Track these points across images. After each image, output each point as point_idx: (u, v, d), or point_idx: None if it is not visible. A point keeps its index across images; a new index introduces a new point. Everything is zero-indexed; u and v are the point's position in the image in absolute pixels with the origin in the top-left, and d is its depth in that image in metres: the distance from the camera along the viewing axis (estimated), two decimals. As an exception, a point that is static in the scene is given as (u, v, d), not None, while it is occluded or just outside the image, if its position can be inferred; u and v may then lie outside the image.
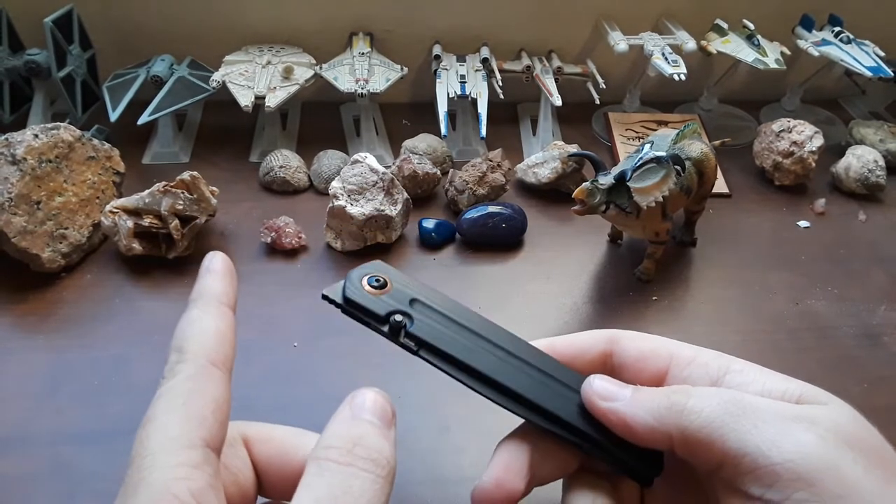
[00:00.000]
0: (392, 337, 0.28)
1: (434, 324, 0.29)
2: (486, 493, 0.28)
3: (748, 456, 0.24)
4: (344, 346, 0.49)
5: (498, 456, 0.29)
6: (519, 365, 0.29)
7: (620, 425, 0.28)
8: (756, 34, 0.72)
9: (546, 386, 0.29)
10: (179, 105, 0.65)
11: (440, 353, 0.28)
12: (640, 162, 0.49)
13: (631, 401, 0.28)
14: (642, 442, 0.27)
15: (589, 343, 0.31)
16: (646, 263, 0.55)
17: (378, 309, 0.28)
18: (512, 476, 0.28)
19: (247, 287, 0.53)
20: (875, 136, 0.72)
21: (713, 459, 0.26)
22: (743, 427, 0.25)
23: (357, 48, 0.71)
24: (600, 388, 0.29)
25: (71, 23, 0.66)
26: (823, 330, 0.53)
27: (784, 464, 0.24)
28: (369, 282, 0.29)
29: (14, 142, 0.51)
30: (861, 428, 0.25)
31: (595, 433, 0.28)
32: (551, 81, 0.71)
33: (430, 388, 0.46)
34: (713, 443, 0.25)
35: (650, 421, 0.27)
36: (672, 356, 0.30)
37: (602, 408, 0.28)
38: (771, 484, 0.24)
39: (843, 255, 0.60)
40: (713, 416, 0.26)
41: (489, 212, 0.58)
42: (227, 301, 0.28)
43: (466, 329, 0.29)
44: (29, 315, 0.50)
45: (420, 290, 0.29)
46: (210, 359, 0.25)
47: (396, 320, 0.28)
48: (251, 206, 0.62)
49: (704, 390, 0.27)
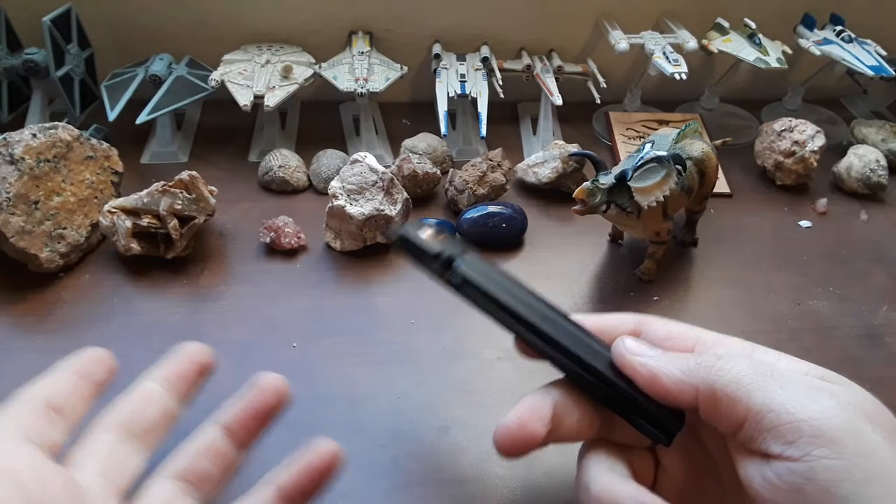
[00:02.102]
0: (440, 272, 0.31)
1: (480, 271, 0.31)
2: (508, 430, 0.29)
3: (773, 412, 0.25)
4: (344, 346, 0.49)
5: (524, 401, 0.30)
6: (556, 319, 0.31)
7: (648, 377, 0.29)
8: (757, 33, 0.72)
9: (580, 341, 0.31)
10: (178, 104, 0.65)
11: (486, 293, 0.31)
12: (641, 161, 0.49)
13: (660, 357, 0.29)
14: (667, 395, 0.28)
15: (619, 321, 0.33)
16: (647, 263, 0.55)
17: (430, 247, 0.31)
18: (535, 420, 0.29)
19: (246, 287, 0.54)
20: (877, 136, 0.72)
21: (737, 416, 0.26)
22: (770, 386, 0.26)
23: (357, 47, 0.71)
24: (631, 344, 0.30)
25: (69, 22, 0.65)
26: (825, 330, 0.52)
27: (809, 420, 0.24)
28: (427, 230, 0.32)
29: (12, 141, 0.51)
30: (878, 407, 0.26)
31: (624, 385, 0.30)
32: (552, 80, 0.70)
33: (430, 388, 0.46)
34: (739, 399, 0.26)
35: (677, 374, 0.28)
36: (698, 339, 0.31)
37: (632, 360, 0.29)
38: (793, 440, 0.24)
39: (845, 255, 0.60)
40: (742, 374, 0.27)
41: (489, 212, 0.58)
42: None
43: (509, 285, 0.32)
44: (27, 315, 0.50)
45: (469, 249, 0.32)
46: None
47: (446, 258, 0.31)
48: (250, 205, 0.62)
49: (733, 356, 0.28)
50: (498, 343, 0.49)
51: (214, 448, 0.32)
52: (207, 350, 0.36)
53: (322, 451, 0.31)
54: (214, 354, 0.36)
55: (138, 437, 0.32)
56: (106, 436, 0.31)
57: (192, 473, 0.31)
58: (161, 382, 0.34)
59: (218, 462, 0.32)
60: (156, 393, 0.33)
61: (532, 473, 0.40)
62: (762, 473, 0.25)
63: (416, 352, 0.48)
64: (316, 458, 0.31)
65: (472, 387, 0.46)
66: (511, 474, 0.40)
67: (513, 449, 0.29)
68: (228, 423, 0.33)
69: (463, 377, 0.47)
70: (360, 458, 0.41)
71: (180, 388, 0.34)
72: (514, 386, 0.46)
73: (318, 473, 0.31)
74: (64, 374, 0.32)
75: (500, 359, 0.48)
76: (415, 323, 0.51)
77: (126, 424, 0.31)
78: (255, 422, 0.33)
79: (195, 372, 0.35)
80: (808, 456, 0.24)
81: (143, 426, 0.32)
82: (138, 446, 0.31)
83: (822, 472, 0.23)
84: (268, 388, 0.33)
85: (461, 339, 0.49)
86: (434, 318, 0.51)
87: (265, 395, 0.33)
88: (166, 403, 0.33)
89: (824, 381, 0.27)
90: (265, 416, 0.33)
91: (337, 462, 0.31)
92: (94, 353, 0.34)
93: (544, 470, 0.40)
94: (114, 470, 0.30)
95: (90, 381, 0.32)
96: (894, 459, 0.24)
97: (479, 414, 0.44)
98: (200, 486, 0.31)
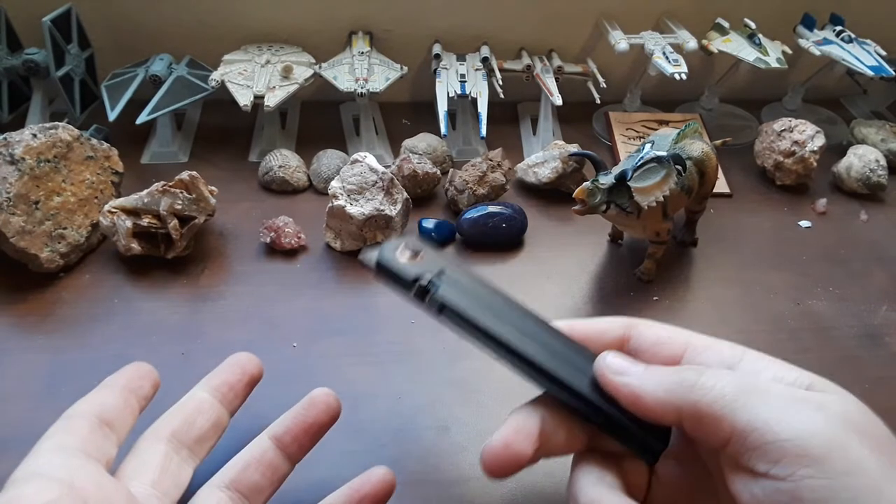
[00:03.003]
0: (418, 298, 0.30)
1: (459, 292, 0.31)
2: (494, 452, 0.28)
3: (756, 431, 0.25)
4: (344, 346, 0.49)
5: (510, 420, 0.30)
6: (537, 336, 0.31)
7: (630, 397, 0.28)
8: (757, 33, 0.72)
9: (562, 359, 0.30)
10: (178, 104, 0.65)
11: (462, 318, 0.30)
12: (641, 161, 0.49)
13: (642, 375, 0.29)
14: (651, 415, 0.28)
15: (607, 327, 0.32)
16: (646, 263, 0.55)
17: (407, 273, 0.30)
18: (521, 439, 0.29)
19: (246, 287, 0.54)
20: (877, 136, 0.72)
21: (721, 435, 0.26)
22: (752, 403, 0.25)
23: (357, 47, 0.71)
24: (612, 362, 0.29)
25: (69, 22, 0.65)
26: (824, 330, 0.52)
27: (792, 440, 0.24)
28: (402, 251, 0.31)
29: (12, 141, 0.51)
30: (867, 417, 0.26)
31: (606, 406, 0.29)
32: (552, 81, 0.70)
33: (430, 388, 0.46)
34: (723, 418, 0.26)
35: (660, 393, 0.28)
36: (688, 344, 0.30)
37: (613, 381, 0.29)
38: (778, 460, 0.24)
39: (845, 255, 0.60)
40: (724, 392, 0.26)
41: (489, 212, 0.58)
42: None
43: (489, 301, 0.31)
44: (28, 315, 0.50)
45: (449, 264, 0.32)
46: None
47: (423, 285, 0.30)
48: (250, 205, 0.62)
49: (716, 370, 0.28)
50: (498, 343, 0.49)
51: (266, 460, 0.33)
52: (256, 360, 0.37)
53: (375, 479, 0.33)
54: (261, 364, 0.37)
55: (189, 447, 0.32)
56: (158, 446, 0.31)
57: (243, 484, 0.32)
58: (212, 392, 0.34)
59: (268, 474, 0.33)
60: (207, 403, 0.34)
61: (532, 473, 0.40)
62: (750, 490, 0.25)
63: (416, 352, 0.48)
64: (369, 485, 0.33)
65: (472, 387, 0.46)
66: (511, 474, 0.41)
67: (500, 470, 0.28)
68: (280, 435, 0.34)
69: (463, 377, 0.47)
70: (360, 458, 0.41)
71: (230, 397, 0.35)
72: (514, 386, 0.46)
73: (371, 501, 0.33)
74: (114, 389, 0.32)
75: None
76: (415, 323, 0.51)
77: (178, 435, 0.32)
78: (306, 436, 0.34)
79: (245, 382, 0.36)
80: (794, 476, 0.23)
81: (195, 436, 0.33)
82: (189, 456, 0.32)
83: (807, 493, 0.23)
84: (319, 403, 0.35)
85: (461, 339, 0.49)
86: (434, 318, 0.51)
87: (317, 410, 0.34)
88: (217, 413, 0.34)
89: (812, 390, 0.27)
90: (317, 430, 0.35)
91: (391, 488, 0.33)
92: (140, 367, 0.34)
93: (544, 470, 0.40)
94: (167, 481, 0.30)
95: (138, 396, 0.33)
96: (882, 474, 0.23)
97: (479, 414, 0.44)
98: (250, 497, 0.32)
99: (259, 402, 0.45)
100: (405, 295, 0.31)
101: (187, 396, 0.34)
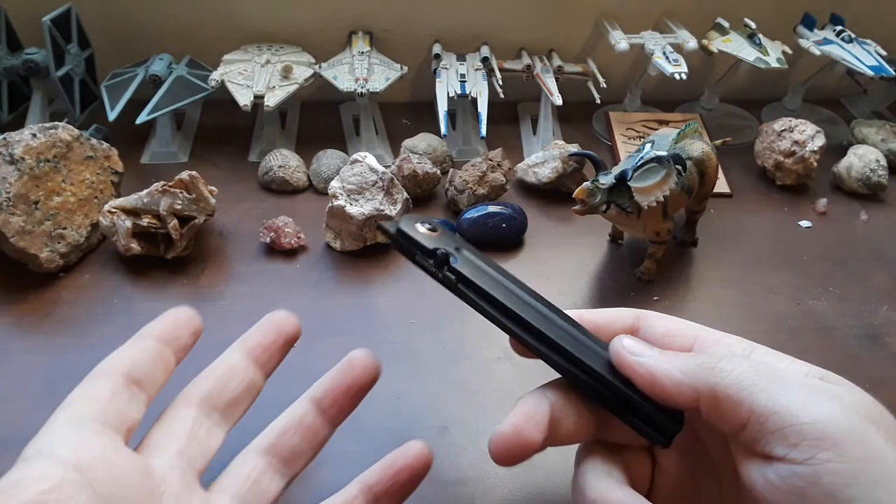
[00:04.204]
0: (436, 267, 0.30)
1: (475, 267, 0.31)
2: (503, 438, 0.28)
3: (776, 415, 0.25)
4: (344, 346, 0.48)
5: (519, 406, 0.29)
6: (552, 317, 0.31)
7: (648, 378, 0.28)
8: (757, 33, 0.72)
9: (576, 340, 0.30)
10: (178, 104, 0.65)
11: (480, 291, 0.30)
12: (641, 161, 0.49)
13: (659, 357, 0.28)
14: (667, 396, 0.28)
15: (616, 316, 0.32)
16: (647, 263, 0.55)
17: (427, 243, 0.30)
18: (531, 426, 0.28)
19: (246, 287, 0.54)
20: (877, 136, 0.72)
21: (738, 419, 0.26)
22: (772, 388, 0.26)
23: (357, 47, 0.71)
24: (629, 344, 0.29)
25: (69, 22, 0.65)
26: (825, 330, 0.52)
27: (813, 423, 0.24)
28: (422, 224, 0.31)
29: (12, 141, 0.51)
30: (879, 409, 0.26)
31: (622, 387, 0.29)
32: (552, 80, 0.70)
33: (430, 388, 0.46)
34: (742, 400, 0.26)
35: (678, 375, 0.27)
36: (697, 337, 0.31)
37: (630, 361, 0.29)
38: (797, 443, 0.24)
39: (845, 255, 0.60)
40: (744, 376, 0.26)
41: (489, 212, 0.58)
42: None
43: (503, 281, 0.31)
44: (28, 315, 0.50)
45: (465, 244, 0.32)
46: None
47: (445, 251, 0.30)
48: (250, 205, 0.62)
49: (734, 357, 0.28)
50: (498, 343, 0.49)
51: (306, 423, 0.32)
52: (294, 319, 0.34)
53: (411, 453, 0.32)
54: (300, 323, 0.35)
55: (221, 411, 0.31)
56: (187, 411, 0.30)
57: (283, 448, 0.31)
58: (246, 354, 0.33)
59: (308, 437, 0.32)
60: (241, 365, 0.32)
61: (532, 473, 0.41)
62: (764, 475, 0.25)
63: (416, 352, 0.48)
64: (405, 459, 0.32)
65: (472, 387, 0.46)
66: (511, 474, 0.40)
67: (509, 457, 0.28)
68: (320, 398, 0.33)
69: (463, 377, 0.47)
70: (360, 458, 0.41)
71: (264, 359, 0.33)
72: (514, 386, 0.46)
73: (408, 474, 0.31)
74: (147, 340, 0.31)
75: (500, 359, 0.48)
76: (415, 323, 0.51)
77: (209, 399, 0.31)
78: (345, 398, 0.33)
79: (281, 343, 0.34)
80: (813, 459, 0.24)
81: (227, 400, 0.31)
82: (220, 420, 0.31)
83: (826, 476, 0.23)
84: (358, 365, 0.33)
85: (461, 339, 0.49)
86: (434, 318, 0.51)
87: (356, 372, 0.33)
88: (251, 376, 0.32)
89: (825, 382, 0.27)
90: (357, 392, 0.33)
91: (428, 463, 0.32)
92: (179, 313, 0.32)
93: (544, 470, 0.40)
94: (193, 449, 0.29)
95: (175, 347, 0.31)
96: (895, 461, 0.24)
97: (479, 414, 0.44)
98: (290, 462, 0.31)
99: (258, 402, 0.45)
100: (421, 266, 0.31)
101: (220, 359, 0.33)
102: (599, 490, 0.28)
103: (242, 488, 0.29)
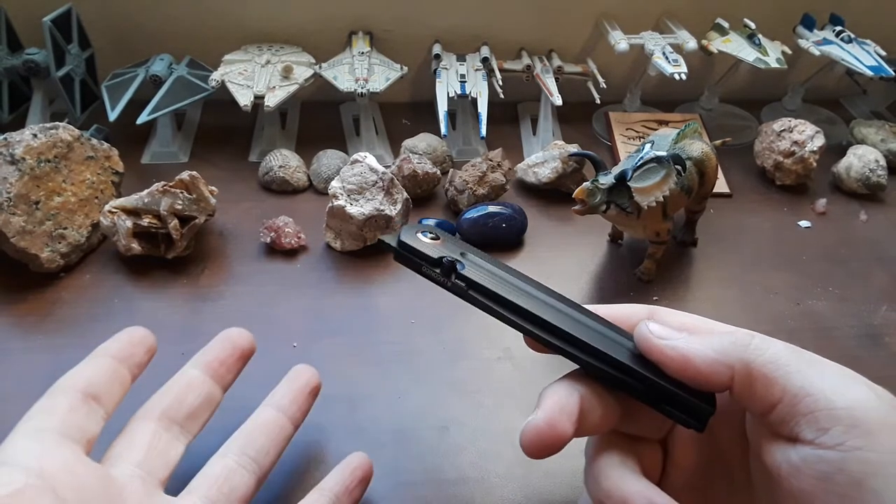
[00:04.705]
0: (444, 276, 0.30)
1: (483, 271, 0.30)
2: (538, 430, 0.27)
3: (810, 397, 0.24)
4: (344, 346, 0.49)
5: (550, 398, 0.28)
6: (567, 311, 0.30)
7: (679, 360, 0.27)
8: (757, 33, 0.72)
9: (596, 331, 0.30)
10: (178, 104, 0.65)
11: (492, 295, 0.29)
12: (641, 161, 0.49)
13: (689, 338, 0.28)
14: (699, 377, 0.27)
15: (630, 312, 0.32)
16: (646, 263, 0.55)
17: (431, 253, 0.30)
18: (564, 418, 0.27)
19: (246, 287, 0.54)
20: (876, 136, 0.72)
21: (770, 399, 0.25)
22: (808, 370, 0.25)
23: (357, 47, 0.71)
24: (657, 329, 0.29)
25: (70, 22, 0.65)
26: (825, 330, 0.52)
27: (847, 409, 0.24)
28: (423, 234, 0.31)
29: (13, 141, 0.51)
30: None
31: (650, 373, 0.28)
32: (551, 81, 0.70)
33: (430, 388, 0.46)
34: (776, 379, 0.25)
35: (711, 354, 0.27)
36: (712, 331, 0.30)
37: (659, 344, 0.28)
38: (828, 428, 0.24)
39: (845, 255, 0.60)
40: (780, 355, 0.26)
41: (489, 212, 0.58)
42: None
43: (513, 281, 0.31)
44: (28, 315, 0.50)
45: (468, 247, 0.32)
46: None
47: (451, 259, 0.30)
48: (250, 205, 0.62)
49: (766, 337, 0.27)
50: (498, 343, 0.49)
51: (270, 422, 0.35)
52: (247, 335, 0.37)
53: (356, 462, 0.36)
54: (254, 339, 0.38)
55: (181, 424, 0.32)
56: (147, 425, 0.31)
57: (251, 447, 0.33)
58: (203, 369, 0.35)
59: (273, 435, 0.35)
60: (198, 379, 0.34)
61: (532, 473, 0.41)
62: (788, 458, 0.25)
63: (416, 352, 0.49)
64: (353, 467, 0.36)
65: (472, 387, 0.46)
66: (511, 474, 0.41)
67: (542, 450, 0.27)
68: (279, 402, 0.36)
69: (463, 377, 0.47)
70: (360, 457, 0.41)
71: (221, 372, 0.35)
72: (514, 386, 0.46)
73: (360, 481, 0.36)
74: (103, 359, 0.32)
75: (500, 359, 0.48)
76: (415, 323, 0.51)
77: (168, 412, 0.32)
78: (303, 398, 0.38)
79: (236, 357, 0.36)
80: (843, 445, 0.23)
81: (185, 413, 0.33)
82: (180, 433, 0.32)
83: (855, 464, 0.23)
84: (303, 374, 0.39)
85: (461, 339, 0.49)
86: (434, 318, 0.51)
87: (305, 377, 0.39)
88: (208, 389, 0.34)
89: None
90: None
91: (370, 471, 0.37)
92: (134, 333, 0.34)
93: (544, 470, 0.41)
94: (154, 460, 0.30)
95: (130, 365, 0.33)
96: None
97: (479, 414, 0.44)
98: (258, 460, 0.33)
99: (258, 402, 0.45)
100: (429, 274, 0.30)
101: (178, 374, 0.34)
102: (614, 479, 0.28)
103: (211, 490, 0.31)
